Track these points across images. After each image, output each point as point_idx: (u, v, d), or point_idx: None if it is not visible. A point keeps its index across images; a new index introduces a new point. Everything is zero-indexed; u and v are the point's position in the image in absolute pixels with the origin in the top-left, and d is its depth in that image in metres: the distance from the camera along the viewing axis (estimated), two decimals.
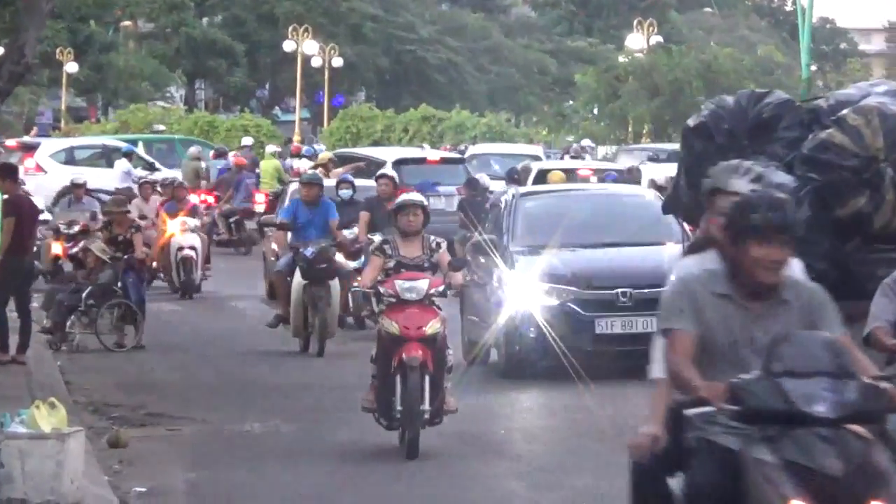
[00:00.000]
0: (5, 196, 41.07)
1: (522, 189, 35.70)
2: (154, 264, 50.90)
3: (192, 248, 46.65)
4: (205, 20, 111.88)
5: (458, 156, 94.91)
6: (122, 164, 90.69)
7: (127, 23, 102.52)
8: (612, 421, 20.70)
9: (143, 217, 51.69)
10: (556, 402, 22.49)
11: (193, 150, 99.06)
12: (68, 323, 44.49)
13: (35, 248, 47.06)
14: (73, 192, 67.47)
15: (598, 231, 27.54)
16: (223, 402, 38.01)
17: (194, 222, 48.09)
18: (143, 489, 26.40)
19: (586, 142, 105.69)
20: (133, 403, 34.39)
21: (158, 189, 61.91)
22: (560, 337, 22.23)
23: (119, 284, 46.06)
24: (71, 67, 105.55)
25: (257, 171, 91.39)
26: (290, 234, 46.35)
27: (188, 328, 48.82)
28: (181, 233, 48.02)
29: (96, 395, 33.90)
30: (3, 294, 39.57)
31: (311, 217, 28.30)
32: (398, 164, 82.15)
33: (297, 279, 27.80)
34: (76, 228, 48.58)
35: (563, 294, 23.92)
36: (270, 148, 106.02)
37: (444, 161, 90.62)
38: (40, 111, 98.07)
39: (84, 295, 44.53)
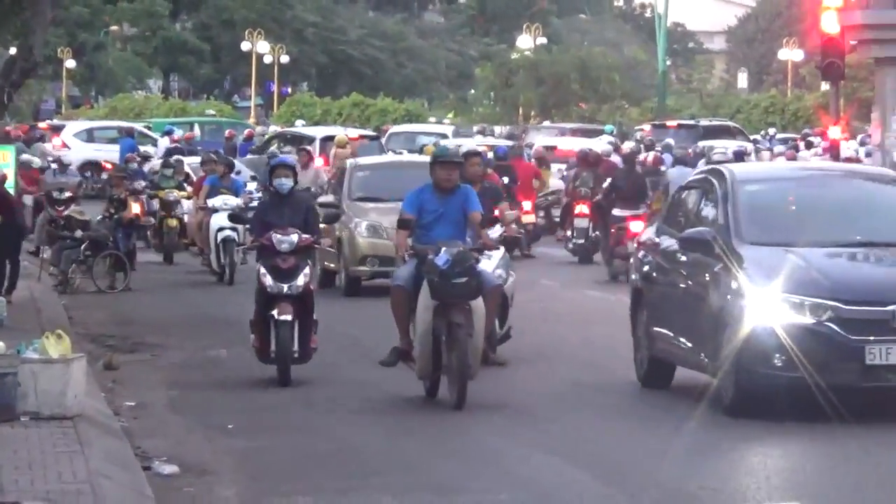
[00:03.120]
0: None
1: (740, 170, 25.10)
2: (194, 243, 46.64)
3: (230, 234, 37.62)
4: (178, 25, 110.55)
5: (374, 133, 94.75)
6: (164, 141, 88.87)
7: (114, 27, 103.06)
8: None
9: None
10: (815, 452, 16.23)
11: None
12: (69, 270, 43.82)
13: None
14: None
15: (849, 225, 19.92)
16: (196, 333, 36.12)
17: (237, 201, 38.99)
18: (132, 403, 26.08)
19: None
20: (123, 334, 33.54)
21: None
22: (816, 367, 16.58)
23: (111, 238, 44.08)
24: (69, 64, 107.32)
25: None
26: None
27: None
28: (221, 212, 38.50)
29: (94, 328, 32.90)
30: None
31: (444, 209, 20.16)
32: (325, 140, 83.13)
33: (425, 298, 19.41)
34: (66, 195, 46.00)
35: (819, 310, 17.31)
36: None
37: (362, 137, 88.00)
38: (45, 99, 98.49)
39: (82, 248, 43.73)
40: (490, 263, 17.82)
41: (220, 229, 38.51)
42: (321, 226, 24.88)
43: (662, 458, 17.46)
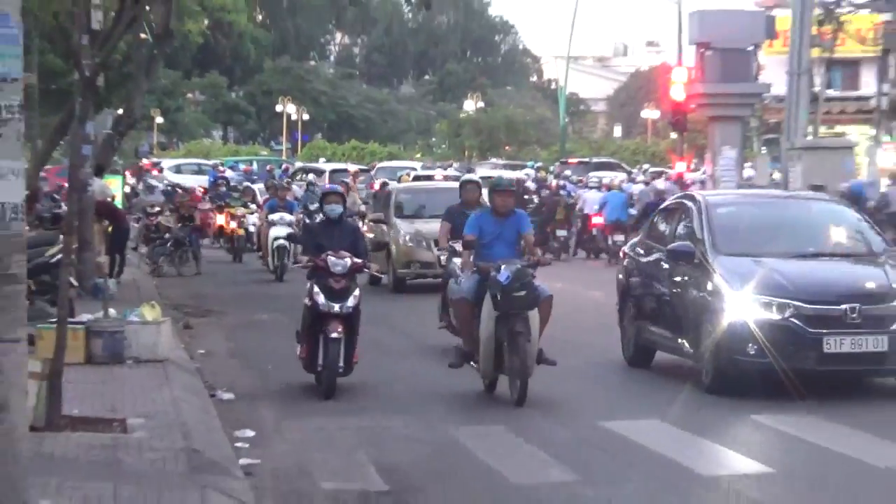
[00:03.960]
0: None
1: (711, 196, 24.11)
2: (259, 250, 42.05)
3: (284, 242, 34.73)
4: (232, 94, 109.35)
5: (367, 167, 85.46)
6: (229, 172, 75.87)
7: (189, 95, 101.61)
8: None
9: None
10: (781, 425, 15.06)
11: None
12: (159, 261, 40.83)
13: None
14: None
15: (802, 239, 18.69)
16: (248, 306, 33.03)
17: (290, 218, 36.20)
18: (202, 351, 24.70)
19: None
20: (196, 305, 31.37)
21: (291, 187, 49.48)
22: (782, 355, 15.59)
23: (187, 239, 41.03)
24: (158, 119, 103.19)
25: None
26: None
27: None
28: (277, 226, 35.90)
29: (175, 300, 30.88)
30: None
31: (500, 230, 17.97)
32: (332, 172, 75.72)
33: (488, 310, 17.35)
34: (156, 209, 42.81)
35: (784, 308, 16.22)
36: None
37: (360, 171, 74.03)
38: (142, 144, 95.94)
39: (168, 245, 40.58)
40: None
41: (276, 238, 35.26)
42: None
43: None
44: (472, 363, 16.98)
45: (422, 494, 13.59)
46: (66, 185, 27.41)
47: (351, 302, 15.14)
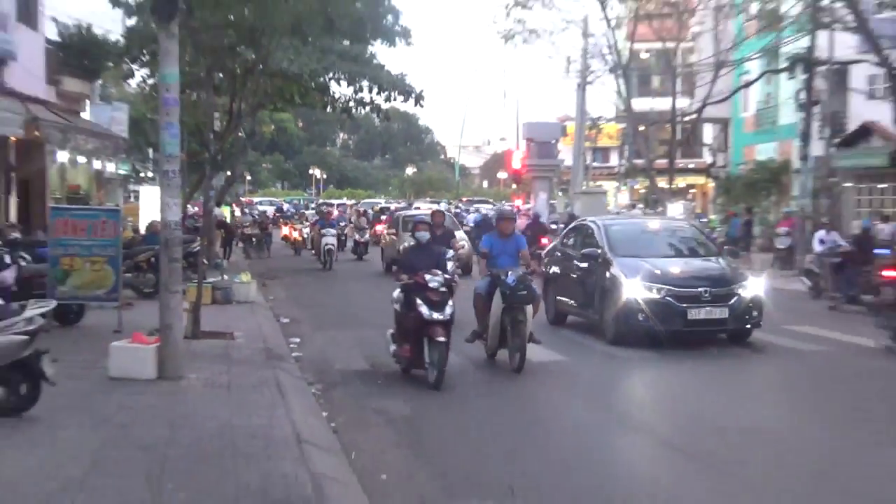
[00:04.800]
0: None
1: (605, 219, 21.78)
2: (312, 249, 37.90)
3: (332, 245, 31.99)
4: (286, 164, 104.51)
5: (355, 202, 73.31)
6: (286, 205, 72.20)
7: (264, 165, 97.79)
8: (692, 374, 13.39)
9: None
10: (661, 369, 14.01)
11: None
12: (249, 251, 38.72)
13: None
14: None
15: (666, 246, 17.96)
16: (302, 276, 29.58)
17: (333, 231, 33.01)
18: (272, 297, 22.34)
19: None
20: (269, 274, 28.28)
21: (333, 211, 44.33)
22: (660, 320, 15.25)
23: (262, 240, 38.13)
24: (248, 177, 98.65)
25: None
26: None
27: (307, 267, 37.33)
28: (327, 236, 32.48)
29: (256, 270, 27.60)
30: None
31: (505, 247, 15.35)
32: (339, 205, 63.60)
33: (497, 303, 14.89)
34: (247, 224, 39.11)
35: (663, 290, 15.63)
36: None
37: (352, 204, 67.46)
38: (240, 190, 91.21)
39: (253, 242, 37.85)
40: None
41: (326, 244, 31.76)
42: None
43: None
44: (482, 339, 14.58)
45: (390, 370, 13.17)
46: (202, 211, 26.97)
47: (448, 311, 12.44)
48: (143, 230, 23.82)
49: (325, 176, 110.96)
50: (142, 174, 40.50)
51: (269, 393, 10.71)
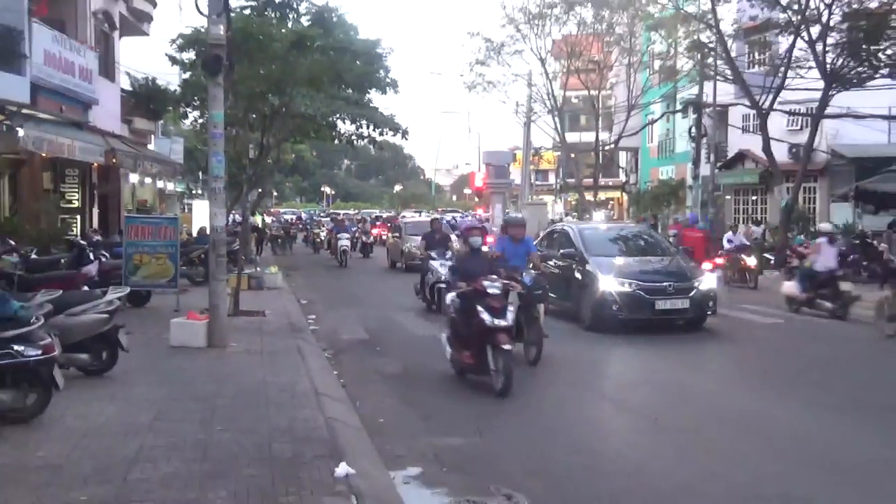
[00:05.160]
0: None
1: (579, 224, 21.24)
2: (328, 249, 34.87)
3: (346, 247, 29.63)
4: (304, 183, 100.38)
5: (356, 212, 69.40)
6: (304, 215, 68.24)
7: (287, 184, 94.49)
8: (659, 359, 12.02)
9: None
10: (631, 353, 12.74)
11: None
12: (278, 248, 37.00)
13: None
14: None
15: (630, 248, 16.67)
16: (319, 270, 27.87)
17: (347, 235, 31.13)
18: (294, 284, 20.89)
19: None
20: (291, 267, 25.90)
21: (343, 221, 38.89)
22: (631, 310, 14.26)
23: (287, 241, 36.77)
24: (275, 192, 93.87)
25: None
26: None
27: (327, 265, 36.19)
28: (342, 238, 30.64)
29: (283, 265, 25.27)
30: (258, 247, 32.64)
31: (516, 250, 13.02)
32: (344, 214, 52.57)
33: (514, 301, 11.37)
34: (275, 228, 38.27)
35: (633, 284, 14.48)
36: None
37: (355, 214, 65.34)
38: (268, 202, 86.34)
39: (280, 242, 36.25)
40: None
41: (342, 245, 29.22)
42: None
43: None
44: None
45: (385, 340, 13.20)
46: (241, 218, 26.82)
47: (510, 316, 10.25)
48: (195, 233, 23.60)
49: (333, 192, 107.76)
50: (193, 191, 40.35)
51: (293, 357, 10.63)
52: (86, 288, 11.86)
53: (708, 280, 14.95)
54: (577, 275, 15.21)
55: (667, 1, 27.23)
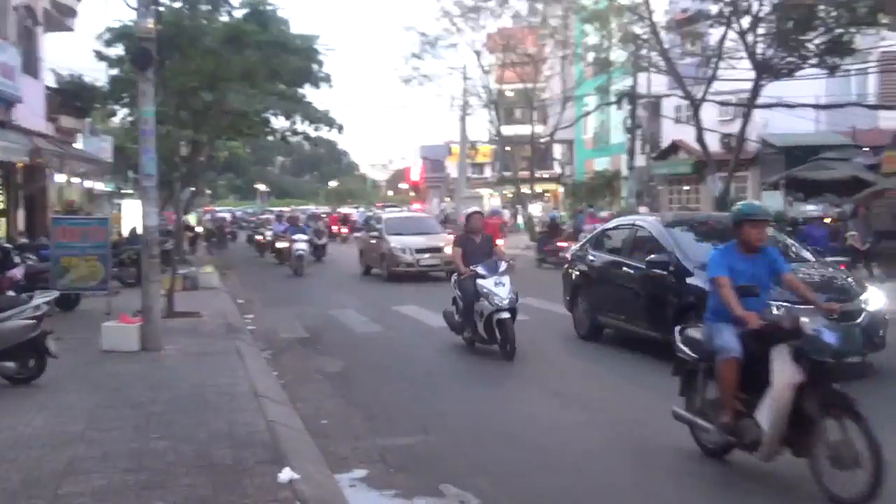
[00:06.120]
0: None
1: (661, 216, 12.73)
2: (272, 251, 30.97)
3: (303, 251, 24.87)
4: (237, 181, 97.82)
5: (289, 209, 67.33)
6: (239, 213, 66.57)
7: (221, 181, 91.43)
8: None
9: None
10: None
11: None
12: (210, 247, 35.49)
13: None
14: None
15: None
16: (250, 268, 22.35)
17: (304, 237, 25.67)
18: (229, 283, 20.03)
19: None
20: (227, 265, 23.02)
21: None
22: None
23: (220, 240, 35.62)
24: (208, 191, 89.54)
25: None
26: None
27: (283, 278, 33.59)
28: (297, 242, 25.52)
29: (218, 264, 21.87)
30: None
31: (753, 270, 6.27)
32: (279, 212, 49.66)
33: (784, 369, 5.73)
34: (208, 226, 38.18)
35: (779, 308, 7.77)
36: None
37: (290, 210, 63.45)
38: (203, 201, 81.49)
39: (214, 240, 35.30)
40: (505, 289, 10.76)
41: (297, 249, 24.22)
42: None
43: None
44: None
45: (324, 338, 13.04)
46: (173, 217, 26.29)
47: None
48: (125, 234, 22.96)
49: (268, 189, 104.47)
50: (123, 191, 39.52)
51: (230, 359, 10.35)
52: (11, 293, 11.52)
53: (875, 298, 10.07)
54: (677, 294, 10.24)
55: None
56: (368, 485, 6.28)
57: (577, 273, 13.03)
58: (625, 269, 11.59)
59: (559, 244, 24.29)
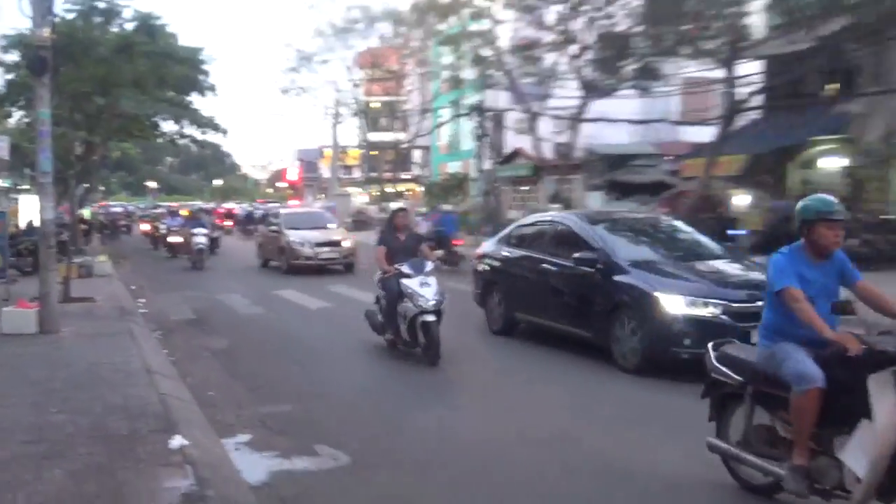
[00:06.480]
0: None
1: (582, 212, 12.10)
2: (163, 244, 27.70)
3: (203, 245, 21.78)
4: (129, 179, 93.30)
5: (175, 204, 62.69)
6: (132, 207, 61.61)
7: (113, 179, 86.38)
8: None
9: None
10: None
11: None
12: (104, 239, 33.04)
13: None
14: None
15: (671, 249, 9.27)
16: (144, 259, 21.27)
17: (205, 231, 22.31)
18: (122, 271, 18.09)
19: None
20: (121, 254, 21.67)
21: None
22: None
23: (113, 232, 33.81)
24: (101, 187, 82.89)
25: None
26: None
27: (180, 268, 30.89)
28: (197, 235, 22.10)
29: (113, 252, 23.17)
30: None
31: (823, 279, 4.41)
32: (169, 208, 40.53)
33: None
34: (101, 220, 33.85)
35: (716, 306, 7.52)
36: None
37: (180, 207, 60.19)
38: (97, 196, 75.93)
39: (107, 232, 33.60)
40: (431, 289, 8.92)
41: (198, 243, 21.33)
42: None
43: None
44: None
45: (211, 320, 12.75)
46: (68, 212, 25.23)
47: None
48: (22, 226, 21.28)
49: (158, 186, 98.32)
50: (20, 186, 37.69)
51: (124, 339, 9.95)
52: None
53: None
54: (606, 292, 8.82)
55: (454, 21, 27.37)
56: (251, 447, 6.19)
57: (490, 269, 11.31)
58: (545, 265, 9.96)
59: (454, 243, 22.83)
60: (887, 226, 17.38)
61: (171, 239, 26.24)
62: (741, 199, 22.28)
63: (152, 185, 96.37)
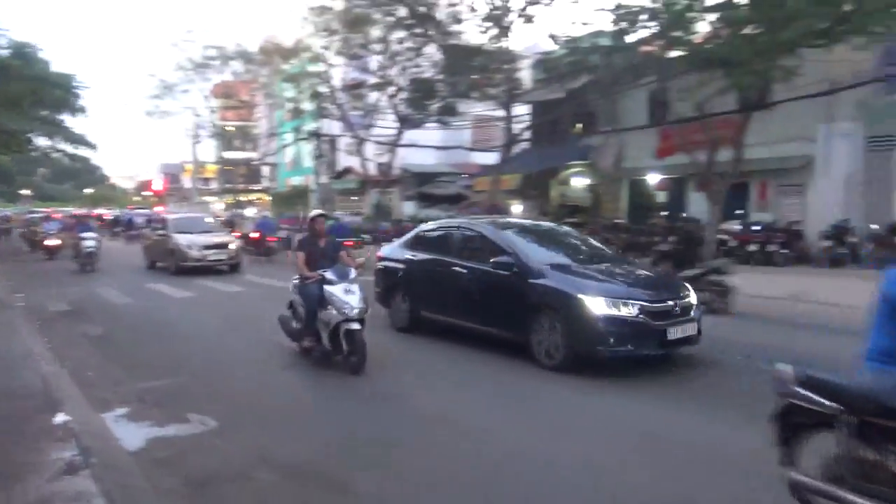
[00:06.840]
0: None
1: (485, 220, 8.85)
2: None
3: (93, 248, 17.17)
4: (6, 187, 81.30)
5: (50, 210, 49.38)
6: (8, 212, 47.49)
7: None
8: None
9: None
10: None
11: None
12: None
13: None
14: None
15: (577, 254, 7.82)
16: (26, 257, 19.49)
17: (93, 234, 17.41)
18: (4, 268, 19.02)
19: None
20: (4, 257, 22.37)
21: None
22: (636, 343, 6.47)
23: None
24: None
25: None
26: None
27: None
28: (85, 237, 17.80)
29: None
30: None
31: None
32: (51, 213, 34.49)
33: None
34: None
35: (636, 307, 6.43)
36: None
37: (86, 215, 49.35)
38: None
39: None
40: (356, 297, 6.92)
41: (87, 247, 16.95)
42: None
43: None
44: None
45: (87, 310, 11.46)
46: None
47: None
48: None
49: (32, 194, 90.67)
50: None
51: (5, 329, 8.96)
52: None
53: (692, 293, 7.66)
54: (523, 294, 7.36)
55: (296, 62, 26.96)
56: (129, 419, 5.78)
57: (392, 271, 9.52)
58: (455, 269, 8.40)
59: (269, 240, 21.41)
60: (618, 227, 19.04)
61: (48, 242, 23.14)
62: (517, 208, 23.43)
63: (26, 192, 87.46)
